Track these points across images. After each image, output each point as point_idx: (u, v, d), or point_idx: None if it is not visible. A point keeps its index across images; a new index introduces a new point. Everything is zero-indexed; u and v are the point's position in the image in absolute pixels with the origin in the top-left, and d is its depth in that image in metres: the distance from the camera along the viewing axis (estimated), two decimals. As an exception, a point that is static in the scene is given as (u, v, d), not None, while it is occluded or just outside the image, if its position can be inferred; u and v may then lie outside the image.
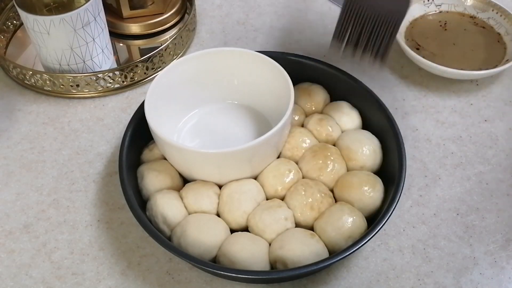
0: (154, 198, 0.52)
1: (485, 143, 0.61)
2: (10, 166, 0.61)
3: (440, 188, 0.57)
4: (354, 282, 0.51)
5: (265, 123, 0.60)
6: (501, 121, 0.63)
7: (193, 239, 0.49)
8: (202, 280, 0.51)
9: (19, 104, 0.67)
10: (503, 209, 0.55)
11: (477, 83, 0.66)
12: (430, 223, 0.55)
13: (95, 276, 0.52)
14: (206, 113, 0.62)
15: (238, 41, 0.73)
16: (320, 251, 0.49)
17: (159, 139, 0.53)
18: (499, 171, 0.58)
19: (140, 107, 0.57)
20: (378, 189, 0.52)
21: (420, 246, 0.53)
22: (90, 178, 0.59)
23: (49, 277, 0.52)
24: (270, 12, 0.77)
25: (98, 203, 0.57)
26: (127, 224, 0.55)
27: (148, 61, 0.67)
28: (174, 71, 0.58)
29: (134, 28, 0.74)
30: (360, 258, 0.52)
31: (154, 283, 0.51)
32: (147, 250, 0.53)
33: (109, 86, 0.66)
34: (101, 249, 0.54)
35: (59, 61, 0.65)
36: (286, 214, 0.51)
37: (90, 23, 0.63)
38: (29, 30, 0.63)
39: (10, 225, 0.56)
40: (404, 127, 0.62)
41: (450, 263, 0.52)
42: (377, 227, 0.48)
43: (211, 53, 0.59)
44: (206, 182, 0.54)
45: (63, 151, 0.62)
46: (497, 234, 0.54)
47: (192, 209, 0.52)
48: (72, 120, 0.65)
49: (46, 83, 0.66)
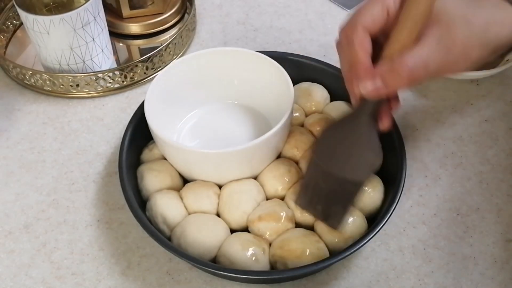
0: (154, 198, 0.52)
1: (486, 143, 0.61)
2: (10, 166, 0.61)
3: (440, 188, 0.57)
4: (354, 282, 0.51)
5: (265, 123, 0.60)
6: (501, 121, 0.63)
7: (193, 239, 0.49)
8: (202, 280, 0.51)
9: (19, 104, 0.67)
10: (503, 209, 0.55)
11: (477, 83, 0.66)
12: (430, 223, 0.55)
13: (95, 276, 0.52)
14: (206, 113, 0.62)
15: (238, 41, 0.73)
16: (320, 251, 0.49)
17: (159, 139, 0.53)
18: (499, 171, 0.58)
19: (140, 107, 0.57)
20: (378, 189, 0.52)
21: (420, 246, 0.53)
22: (90, 178, 0.59)
23: (49, 277, 0.52)
24: (270, 12, 0.77)
25: (98, 203, 0.57)
26: (127, 224, 0.55)
27: (148, 61, 0.67)
28: (174, 71, 0.58)
29: (134, 28, 0.73)
30: (360, 258, 0.52)
31: (154, 283, 0.51)
32: (147, 250, 0.53)
33: (109, 86, 0.66)
34: (101, 249, 0.54)
35: (59, 61, 0.65)
36: (286, 214, 0.51)
37: (90, 23, 0.63)
38: (29, 30, 0.63)
39: (10, 225, 0.56)
40: (404, 127, 0.62)
41: (451, 263, 0.52)
42: (377, 227, 0.48)
43: (211, 53, 0.59)
44: (206, 182, 0.54)
45: (63, 151, 0.62)
46: (497, 234, 0.54)
47: (192, 209, 0.52)
48: (72, 120, 0.65)
49: (46, 83, 0.66)
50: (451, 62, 0.44)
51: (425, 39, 0.43)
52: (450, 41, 0.43)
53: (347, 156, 0.47)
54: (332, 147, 0.48)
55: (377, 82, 0.43)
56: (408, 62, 0.42)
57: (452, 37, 0.43)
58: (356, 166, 0.47)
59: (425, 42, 0.43)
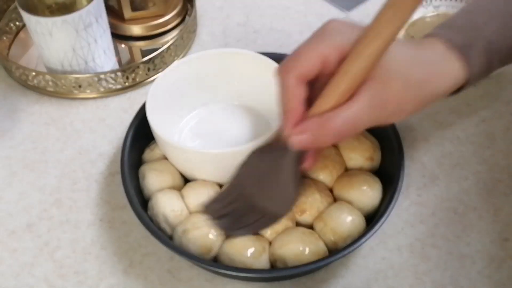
0: (156, 197, 0.53)
1: (483, 143, 0.61)
2: (13, 166, 0.61)
3: (438, 188, 0.58)
4: (353, 280, 0.51)
5: (265, 123, 0.60)
6: (498, 121, 0.63)
7: (194, 238, 0.50)
8: (203, 278, 0.52)
9: (22, 104, 0.67)
10: (500, 208, 0.56)
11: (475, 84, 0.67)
12: (428, 222, 0.55)
13: (97, 274, 0.53)
14: (207, 113, 0.62)
15: (238, 43, 0.74)
16: (319, 250, 0.49)
17: (160, 139, 0.53)
18: (496, 170, 0.59)
19: (142, 108, 0.57)
20: (377, 189, 0.53)
21: (418, 245, 0.53)
22: (92, 178, 0.60)
23: (52, 276, 0.53)
24: (270, 13, 0.78)
25: (100, 203, 0.58)
26: (129, 223, 0.56)
27: (150, 62, 0.68)
28: (175, 72, 0.58)
29: (135, 29, 0.74)
30: (359, 257, 0.53)
31: (155, 281, 0.52)
32: (148, 249, 0.54)
33: (111, 87, 0.67)
34: (103, 248, 0.54)
35: (61, 62, 0.66)
36: (286, 213, 0.52)
37: (92, 24, 0.63)
38: (32, 32, 0.64)
39: (13, 224, 0.56)
40: (402, 127, 0.62)
41: (448, 262, 0.52)
42: (376, 226, 0.49)
43: (212, 54, 0.60)
44: (207, 182, 0.54)
45: (65, 151, 0.63)
46: (494, 233, 0.54)
47: (193, 208, 0.53)
48: (74, 121, 0.65)
49: (48, 84, 0.66)
50: (384, 117, 0.43)
51: (358, 97, 0.41)
52: (383, 98, 0.42)
53: (271, 187, 0.47)
54: (257, 174, 0.48)
55: (305, 138, 0.43)
56: (337, 121, 0.41)
57: (386, 94, 0.42)
58: (278, 199, 0.47)
59: (357, 100, 0.41)
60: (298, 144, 0.43)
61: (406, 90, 0.43)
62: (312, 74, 0.43)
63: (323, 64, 0.42)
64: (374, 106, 0.42)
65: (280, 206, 0.48)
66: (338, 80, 0.41)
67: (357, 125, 0.42)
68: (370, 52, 0.40)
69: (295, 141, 0.43)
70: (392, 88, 0.42)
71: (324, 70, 0.43)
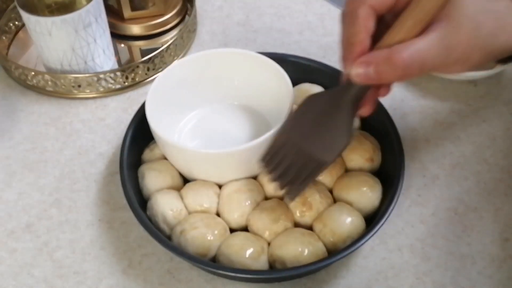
0: (155, 197, 0.53)
1: (483, 143, 0.61)
2: (12, 166, 0.61)
3: (438, 188, 0.58)
4: (353, 281, 0.51)
5: (265, 123, 0.60)
6: (499, 122, 0.63)
7: (193, 238, 0.50)
8: (203, 279, 0.52)
9: (21, 104, 0.67)
10: (500, 208, 0.56)
11: (475, 84, 0.67)
12: (428, 223, 0.55)
13: (97, 275, 0.52)
14: (207, 113, 0.62)
15: (238, 42, 0.74)
16: (319, 251, 0.49)
17: (160, 139, 0.53)
18: (496, 171, 0.59)
19: (141, 108, 0.57)
20: (376, 190, 0.53)
21: (418, 245, 0.53)
22: (91, 178, 0.60)
23: (51, 276, 0.53)
24: (270, 13, 0.77)
25: (99, 203, 0.58)
26: (128, 223, 0.56)
27: (149, 62, 0.68)
28: (175, 72, 0.58)
29: (135, 29, 0.74)
30: (360, 257, 0.53)
31: (155, 282, 0.52)
32: (148, 249, 0.54)
33: (111, 86, 0.67)
34: (102, 248, 0.54)
35: (61, 62, 0.65)
36: (285, 214, 0.52)
37: (91, 24, 0.63)
38: (31, 31, 0.64)
39: (12, 224, 0.56)
40: (402, 127, 0.62)
41: (449, 262, 0.52)
42: (376, 226, 0.48)
43: (212, 54, 0.60)
44: (206, 182, 0.54)
45: (64, 151, 0.62)
46: (495, 233, 0.54)
47: (192, 209, 0.53)
48: (73, 121, 0.65)
49: (48, 84, 0.66)
50: (450, 63, 0.43)
51: (429, 34, 0.40)
52: (454, 42, 0.41)
53: (320, 134, 0.46)
54: (308, 121, 0.47)
55: (370, 70, 0.41)
56: (405, 54, 0.40)
57: (456, 37, 0.41)
58: (326, 146, 0.46)
59: (427, 37, 0.40)
60: (362, 77, 0.42)
61: (476, 39, 0.42)
62: (385, 7, 0.42)
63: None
64: (444, 46, 0.41)
65: (333, 153, 0.46)
66: (408, 15, 0.40)
67: (425, 62, 0.41)
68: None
69: (358, 73, 0.42)
70: (462, 33, 0.41)
71: (396, 6, 0.42)
